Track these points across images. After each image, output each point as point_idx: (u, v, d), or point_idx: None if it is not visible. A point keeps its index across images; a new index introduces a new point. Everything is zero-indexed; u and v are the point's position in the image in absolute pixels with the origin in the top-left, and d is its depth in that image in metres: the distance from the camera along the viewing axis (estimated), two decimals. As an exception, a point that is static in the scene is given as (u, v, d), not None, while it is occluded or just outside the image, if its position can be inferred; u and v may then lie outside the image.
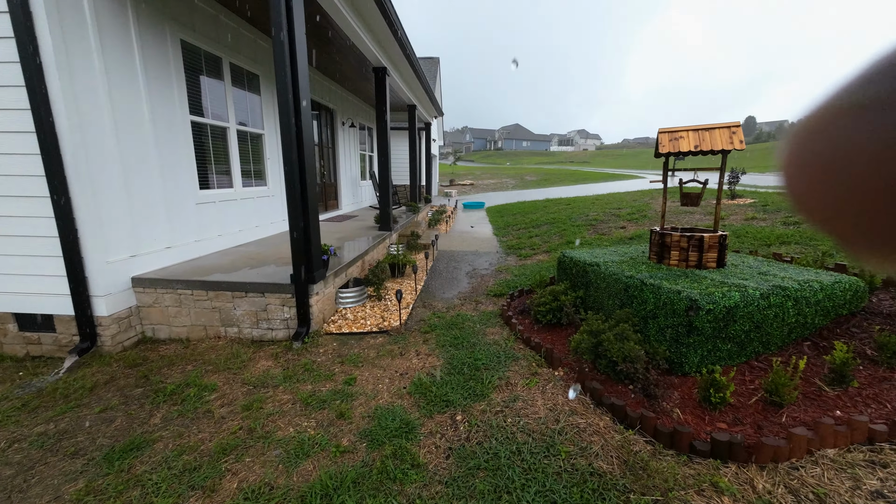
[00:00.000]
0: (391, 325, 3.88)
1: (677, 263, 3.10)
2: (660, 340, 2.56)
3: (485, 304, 4.43)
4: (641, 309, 2.69)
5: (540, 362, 2.88)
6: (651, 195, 11.77)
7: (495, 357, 3.01)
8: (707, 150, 2.94)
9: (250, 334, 3.76)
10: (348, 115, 9.72)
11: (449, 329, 3.67)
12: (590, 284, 3.37)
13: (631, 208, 9.39)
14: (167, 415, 2.56)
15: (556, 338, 3.25)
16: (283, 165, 3.32)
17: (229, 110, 5.16)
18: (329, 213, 8.74)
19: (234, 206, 5.33)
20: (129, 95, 3.63)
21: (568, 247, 6.71)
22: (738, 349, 2.48)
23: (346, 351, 3.41)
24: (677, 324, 2.43)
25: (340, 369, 3.08)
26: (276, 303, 3.68)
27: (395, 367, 3.06)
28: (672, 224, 7.01)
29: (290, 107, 3.21)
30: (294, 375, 2.99)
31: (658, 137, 3.17)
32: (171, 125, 4.16)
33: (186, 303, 3.74)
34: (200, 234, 4.65)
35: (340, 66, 7.41)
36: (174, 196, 4.22)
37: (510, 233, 9.20)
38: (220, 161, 5.08)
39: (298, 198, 3.40)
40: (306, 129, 3.37)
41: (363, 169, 11.44)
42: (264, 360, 3.31)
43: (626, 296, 2.86)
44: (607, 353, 2.41)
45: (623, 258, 3.45)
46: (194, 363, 3.28)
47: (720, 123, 2.98)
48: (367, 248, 5.48)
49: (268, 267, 4.18)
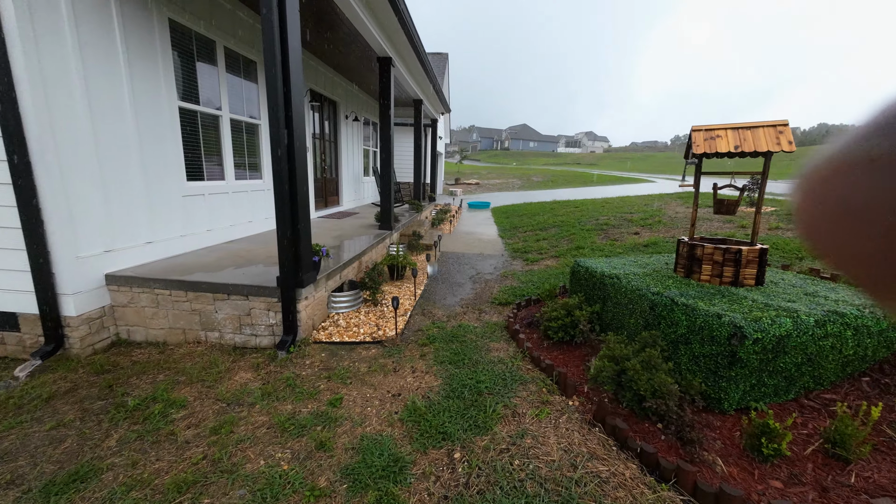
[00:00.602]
0: (386, 335, 3.55)
1: (709, 279, 2.74)
2: (693, 371, 2.21)
3: (489, 314, 4.09)
4: (671, 332, 2.34)
5: (551, 388, 2.53)
6: (663, 199, 11.35)
7: (500, 379, 2.67)
8: (749, 152, 2.58)
9: (232, 340, 3.45)
10: (352, 109, 9.39)
11: (449, 342, 3.33)
12: (608, 299, 3.01)
13: (643, 213, 8.99)
14: (125, 436, 2.24)
15: (569, 358, 2.90)
16: (271, 157, 3.00)
17: (222, 98, 4.84)
18: (328, 210, 8.43)
19: (226, 199, 5.01)
20: (107, 76, 3.32)
21: (579, 253, 6.35)
22: (785, 384, 2.13)
23: (335, 364, 3.08)
24: (716, 353, 2.07)
25: (326, 386, 2.75)
26: (261, 307, 3.36)
27: (388, 386, 2.73)
28: (685, 231, 6.64)
29: (279, 92, 2.88)
30: (274, 392, 2.67)
31: (691, 136, 2.81)
32: (155, 111, 3.84)
33: (164, 304, 3.43)
34: (186, 228, 4.35)
35: (344, 56, 7.08)
36: (157, 187, 3.91)
37: (516, 235, 8.85)
38: (211, 151, 4.76)
39: (287, 193, 3.07)
40: (297, 118, 3.04)
41: (366, 165, 11.11)
42: (244, 371, 2.99)
43: (652, 315, 2.50)
44: (633, 384, 2.06)
45: (645, 270, 3.10)
46: (167, 372, 2.97)
47: (764, 121, 2.61)
48: (365, 247, 5.15)
49: (255, 266, 3.86)
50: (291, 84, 2.94)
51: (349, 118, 9.23)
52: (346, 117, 9.04)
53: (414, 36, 5.71)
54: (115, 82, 3.40)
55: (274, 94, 2.88)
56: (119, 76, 3.43)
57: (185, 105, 4.26)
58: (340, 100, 8.65)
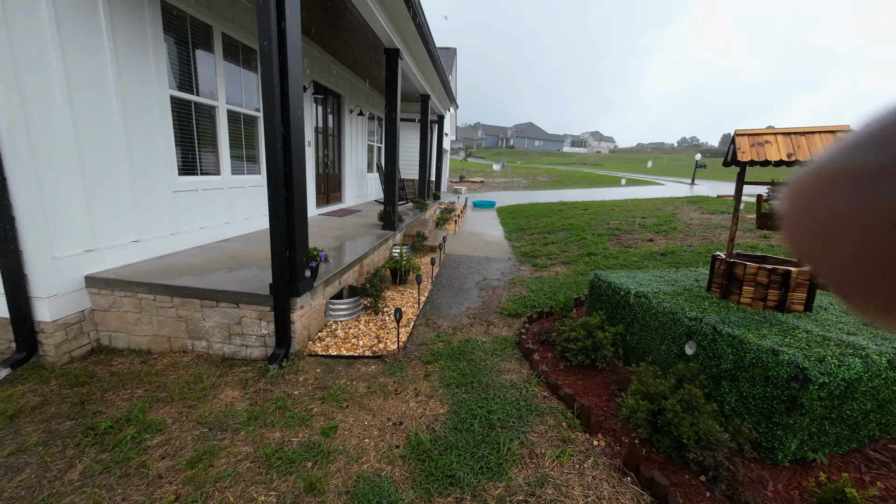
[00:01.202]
0: (387, 349, 3.28)
1: (750, 302, 2.45)
2: (740, 413, 1.92)
3: (498, 327, 3.81)
4: (713, 365, 2.05)
5: (572, 422, 2.25)
6: (675, 204, 11.02)
7: (514, 409, 2.39)
8: (804, 162, 2.27)
9: (221, 351, 3.18)
10: (357, 103, 9.09)
11: (456, 360, 3.06)
12: (634, 320, 2.72)
13: (656, 218, 8.67)
14: (90, 468, 1.98)
15: (590, 385, 2.61)
16: (266, 153, 2.71)
17: (219, 88, 4.56)
18: (330, 207, 8.15)
19: (221, 195, 4.74)
20: (89, 59, 3.04)
21: (591, 260, 6.04)
22: (849, 433, 1.84)
23: (331, 381, 2.81)
24: (771, 396, 1.79)
25: (320, 409, 2.48)
26: (252, 316, 3.09)
27: (388, 412, 2.46)
28: (707, 241, 6.31)
29: (275, 80, 2.59)
30: (262, 415, 2.40)
31: (735, 141, 2.50)
32: (144, 100, 3.56)
33: (148, 309, 3.16)
34: (178, 226, 4.08)
35: (350, 46, 6.77)
36: (145, 182, 3.63)
37: (523, 237, 8.55)
38: (206, 144, 4.49)
39: (282, 193, 2.79)
40: (295, 112, 2.75)
41: (370, 160, 10.82)
42: (230, 387, 2.72)
43: (688, 344, 2.21)
44: (672, 429, 1.78)
45: (675, 288, 2.80)
46: (147, 387, 2.71)
47: (821, 127, 2.30)
48: (367, 250, 4.88)
49: (248, 270, 3.59)
50: (289, 73, 2.65)
51: (354, 112, 8.93)
52: (350, 111, 8.74)
53: (423, 26, 5.40)
54: (98, 67, 3.12)
55: (269, 85, 2.59)
56: (103, 60, 3.15)
57: (178, 94, 3.98)
58: (345, 93, 8.35)
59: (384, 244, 5.75)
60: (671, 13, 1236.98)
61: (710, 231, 7.02)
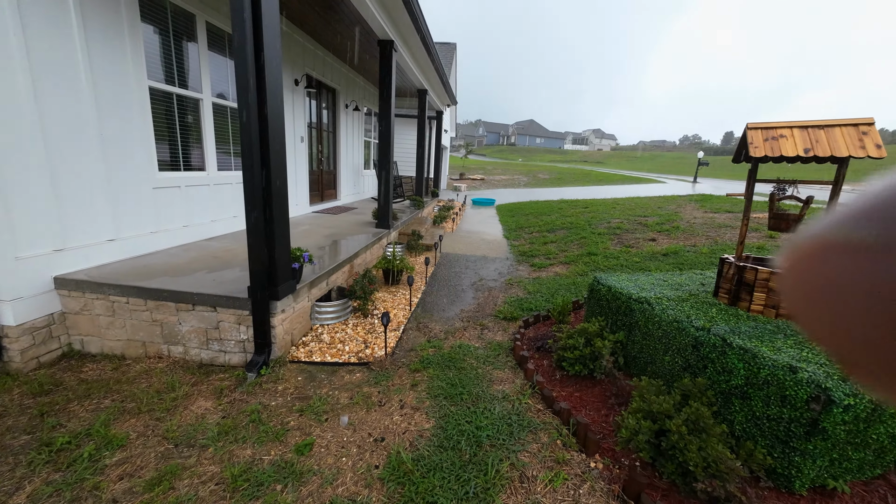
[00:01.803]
0: (374, 355, 3.10)
1: (762, 310, 2.26)
2: (752, 435, 1.74)
3: (492, 331, 3.63)
4: (722, 380, 1.87)
5: (568, 441, 2.07)
6: (677, 202, 10.81)
7: (505, 424, 2.21)
8: (824, 158, 2.08)
9: (198, 356, 3.01)
10: (353, 98, 8.88)
11: (445, 368, 2.88)
12: (635, 327, 2.54)
13: (658, 217, 8.47)
14: (39, 490, 1.81)
15: (587, 398, 2.44)
16: (242, 147, 2.52)
17: (203, 79, 4.36)
18: (324, 204, 7.97)
19: (206, 192, 4.56)
20: (55, 46, 2.85)
21: (591, 260, 5.85)
22: (873, 458, 1.66)
23: (312, 391, 2.64)
24: (788, 418, 1.61)
25: (297, 423, 2.31)
26: (231, 320, 2.92)
27: (370, 426, 2.28)
28: (711, 241, 6.11)
29: (249, 62, 2.40)
30: (234, 429, 2.23)
31: (747, 135, 2.31)
32: (120, 90, 3.38)
33: (121, 312, 2.99)
34: (158, 224, 3.90)
35: (344, 39, 6.56)
36: (122, 178, 3.45)
37: (522, 236, 8.36)
38: (189, 139, 4.30)
39: (259, 189, 2.61)
40: (273, 101, 2.56)
41: (367, 157, 10.62)
42: (204, 397, 2.55)
43: (695, 356, 2.03)
44: (677, 454, 1.60)
45: (679, 293, 2.62)
46: (115, 396, 2.54)
47: (844, 119, 2.11)
48: (358, 249, 4.70)
49: (230, 270, 3.41)
50: (266, 62, 2.46)
51: (349, 107, 8.73)
52: (346, 106, 8.53)
53: (418, 16, 5.19)
54: (66, 54, 2.93)
55: (243, 74, 2.40)
56: (72, 47, 2.96)
57: (159, 86, 3.79)
58: (340, 88, 8.14)
59: (377, 243, 5.57)
60: (673, 9, 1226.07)
61: (715, 230, 6.82)
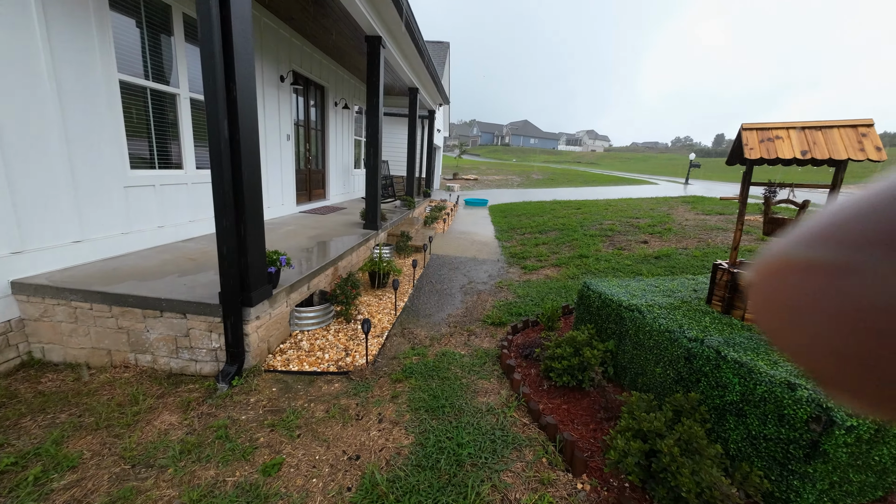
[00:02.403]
0: (355, 363, 2.96)
1: (756, 318, 2.16)
2: (748, 455, 1.64)
3: (479, 337, 3.51)
4: (717, 396, 1.77)
5: (554, 459, 1.96)
6: (669, 203, 10.80)
7: (488, 440, 2.09)
8: (821, 160, 1.99)
9: (167, 365, 2.84)
10: (342, 95, 8.71)
11: (428, 378, 2.75)
12: (625, 336, 2.43)
13: (650, 218, 8.42)
14: (-27, 520, 1.64)
15: (575, 411, 2.32)
16: (209, 143, 2.37)
17: (181, 74, 4.18)
18: (312, 204, 7.79)
19: (184, 191, 4.37)
20: (10, 34, 2.66)
21: (582, 262, 5.76)
22: (875, 480, 1.56)
23: (286, 403, 2.49)
24: (786, 439, 1.50)
25: (267, 439, 2.16)
26: (202, 327, 2.76)
27: (345, 442, 2.14)
28: (703, 244, 6.06)
29: (217, 59, 2.24)
30: (198, 447, 2.08)
31: (742, 136, 2.21)
32: (87, 84, 3.19)
33: (84, 319, 2.81)
34: (130, 224, 3.71)
35: (332, 35, 6.40)
36: (89, 176, 3.27)
37: (514, 237, 8.25)
38: (165, 135, 4.12)
39: (228, 187, 2.45)
40: (244, 89, 2.40)
41: (357, 156, 10.44)
42: (169, 411, 2.39)
43: (688, 369, 1.93)
44: (669, 478, 1.49)
45: (671, 300, 2.52)
46: (73, 409, 2.37)
47: (840, 121, 2.02)
48: (344, 251, 4.55)
49: (205, 274, 3.25)
50: (236, 51, 2.30)
51: (339, 105, 8.55)
52: (335, 104, 8.36)
53: (406, 12, 5.05)
54: (25, 43, 2.75)
55: (210, 65, 2.24)
56: (31, 36, 2.78)
57: (130, 79, 3.61)
58: (329, 85, 7.96)
59: (364, 244, 5.42)
60: (667, 12, 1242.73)
61: (706, 233, 6.78)
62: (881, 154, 1.88)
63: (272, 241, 4.36)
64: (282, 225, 5.70)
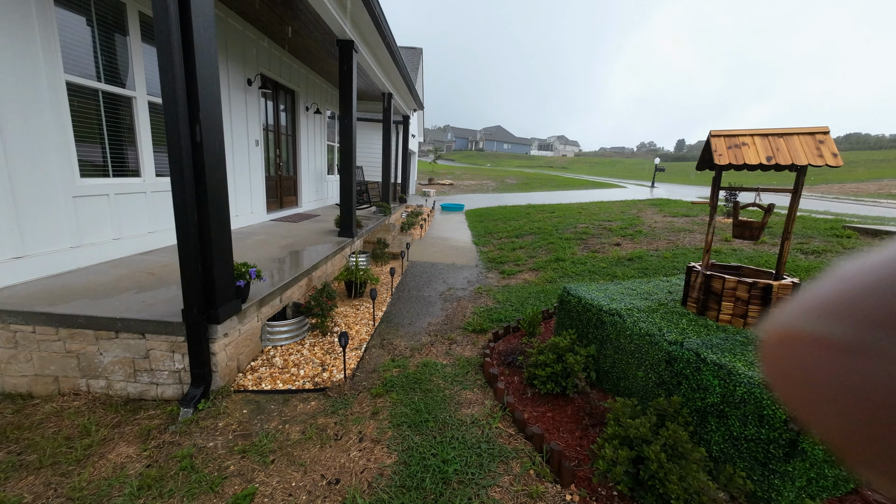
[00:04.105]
0: (332, 379, 2.83)
1: (729, 319, 2.23)
2: (730, 457, 1.66)
3: (461, 346, 3.45)
4: (698, 398, 1.79)
5: (541, 470, 1.92)
6: (638, 206, 11.19)
7: (475, 455, 2.03)
8: (784, 165, 2.08)
9: (124, 391, 2.61)
10: (313, 100, 8.50)
11: (410, 391, 2.66)
12: (607, 340, 2.45)
13: (622, 221, 8.68)
14: None
15: (561, 418, 2.30)
16: (168, 142, 2.20)
17: (137, 75, 3.92)
18: (284, 211, 7.52)
19: (142, 200, 4.09)
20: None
21: (559, 266, 5.84)
22: (847, 474, 1.62)
23: (258, 426, 2.33)
24: (766, 439, 1.53)
25: (238, 468, 2.01)
26: (163, 348, 2.55)
27: (324, 465, 2.02)
28: (673, 245, 6.29)
29: (174, 47, 2.09)
30: (160, 481, 1.90)
31: (711, 143, 2.28)
32: (27, 86, 2.93)
33: (25, 343, 2.54)
34: (81, 238, 3.42)
35: (303, 38, 6.23)
36: (29, 186, 2.99)
37: (491, 242, 8.29)
38: (120, 141, 3.84)
39: (191, 195, 2.29)
40: (207, 91, 2.26)
41: (331, 161, 10.21)
42: (126, 442, 2.18)
43: (669, 372, 1.95)
44: (658, 485, 1.48)
45: (649, 302, 2.56)
46: (12, 446, 2.12)
47: (801, 128, 2.12)
48: (318, 260, 4.38)
49: (166, 290, 3.03)
50: (197, 49, 2.16)
51: (310, 110, 8.34)
52: (306, 109, 8.14)
53: (379, 16, 4.98)
54: (-47, 41, 2.48)
55: (167, 63, 2.09)
56: (-39, 33, 2.51)
57: (79, 81, 3.34)
58: (300, 89, 7.75)
59: (340, 252, 5.26)
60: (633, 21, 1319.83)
61: (675, 234, 7.04)
62: (837, 160, 1.98)
63: (241, 252, 4.15)
64: (251, 234, 5.45)
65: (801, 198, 2.21)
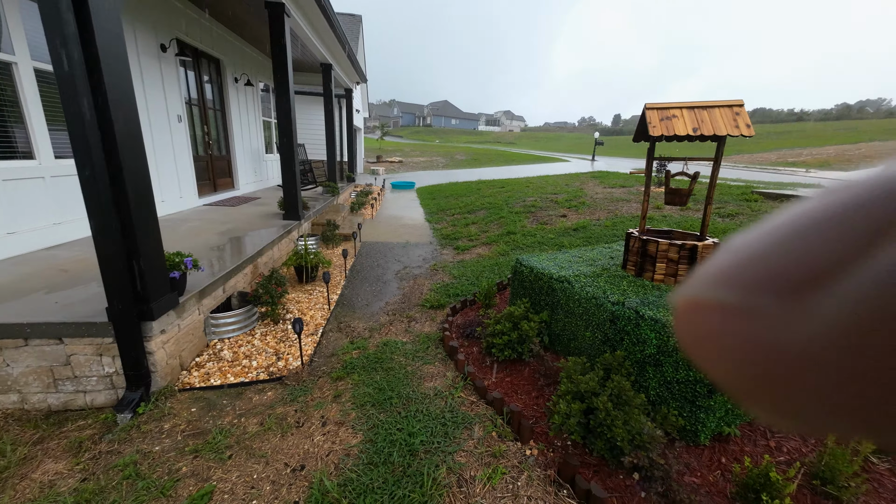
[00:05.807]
0: (289, 367, 2.74)
1: (663, 278, 2.46)
2: (665, 399, 1.87)
3: (420, 322, 3.48)
4: (637, 351, 1.98)
5: (503, 431, 2.03)
6: (580, 179, 11.78)
7: (439, 424, 2.09)
8: (707, 136, 2.27)
9: (44, 403, 2.32)
10: (243, 71, 7.72)
11: (372, 371, 2.66)
12: (558, 306, 2.60)
13: (567, 193, 9.10)
14: None
15: (518, 381, 2.44)
16: (67, 121, 1.89)
17: (15, 37, 3.28)
18: (219, 195, 6.90)
19: (40, 186, 3.53)
20: None
21: (510, 239, 6.03)
22: (743, 412, 1.90)
23: (211, 422, 2.21)
24: (693, 380, 1.74)
25: (191, 467, 1.90)
26: (87, 352, 2.29)
27: (287, 454, 1.98)
28: (612, 214, 6.74)
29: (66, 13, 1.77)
30: (100, 493, 1.74)
31: (645, 115, 2.43)
32: None
33: None
34: (-37, 233, 2.89)
35: (226, 1, 5.55)
36: None
37: (444, 219, 8.31)
38: (3, 118, 3.23)
39: (102, 179, 2.01)
40: (110, 55, 1.95)
41: (269, 140, 9.47)
42: (54, 459, 1.96)
43: (613, 330, 2.12)
44: (605, 431, 1.64)
45: (594, 268, 2.74)
46: None
47: (720, 101, 2.32)
48: (263, 245, 4.12)
49: (84, 287, 2.68)
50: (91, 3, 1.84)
51: (240, 82, 7.58)
52: (235, 80, 7.39)
53: (312, -23, 4.57)
54: None
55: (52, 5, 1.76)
56: None
57: (-66, 40, 2.72)
58: (226, 58, 6.99)
59: (286, 237, 4.98)
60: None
61: (614, 204, 7.54)
62: (750, 130, 2.21)
63: (174, 241, 3.77)
64: (183, 221, 4.96)
65: (722, 168, 2.45)
